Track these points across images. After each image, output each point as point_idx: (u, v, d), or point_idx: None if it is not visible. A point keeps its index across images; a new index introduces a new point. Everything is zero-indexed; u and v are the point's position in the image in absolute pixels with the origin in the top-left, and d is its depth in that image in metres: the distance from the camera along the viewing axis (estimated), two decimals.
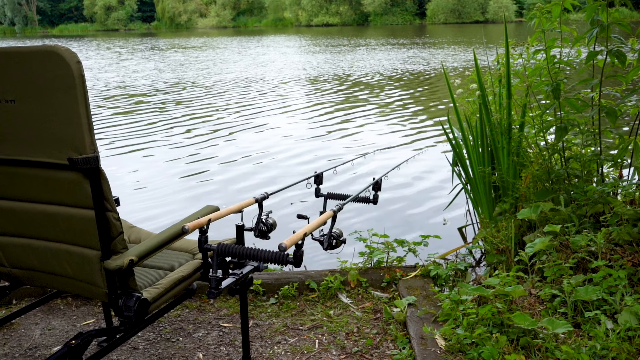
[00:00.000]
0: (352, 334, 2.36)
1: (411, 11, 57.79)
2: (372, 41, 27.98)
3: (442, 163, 5.51)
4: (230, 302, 2.65)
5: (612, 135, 2.93)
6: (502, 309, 2.11)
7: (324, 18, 58.90)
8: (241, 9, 66.16)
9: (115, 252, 1.61)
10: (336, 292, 2.71)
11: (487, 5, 53.01)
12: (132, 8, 66.91)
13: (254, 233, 1.94)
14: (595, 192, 2.70)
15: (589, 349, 1.88)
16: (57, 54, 1.41)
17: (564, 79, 2.84)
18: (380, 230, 3.08)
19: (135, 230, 2.19)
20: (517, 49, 3.29)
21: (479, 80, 3.26)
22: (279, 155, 6.12)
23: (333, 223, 1.73)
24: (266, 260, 1.58)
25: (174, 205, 4.66)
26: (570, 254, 2.46)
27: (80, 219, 1.59)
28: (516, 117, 3.20)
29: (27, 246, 1.74)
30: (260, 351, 2.25)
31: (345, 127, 7.61)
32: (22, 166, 1.61)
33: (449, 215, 4.14)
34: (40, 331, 2.43)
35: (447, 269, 2.77)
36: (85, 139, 1.48)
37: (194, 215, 1.80)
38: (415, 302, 2.44)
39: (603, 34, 2.61)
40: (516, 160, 3.15)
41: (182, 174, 5.57)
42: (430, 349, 2.06)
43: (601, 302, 2.16)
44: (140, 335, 2.38)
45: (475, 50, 4.05)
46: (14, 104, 1.52)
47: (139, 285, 1.71)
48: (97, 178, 1.53)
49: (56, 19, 68.93)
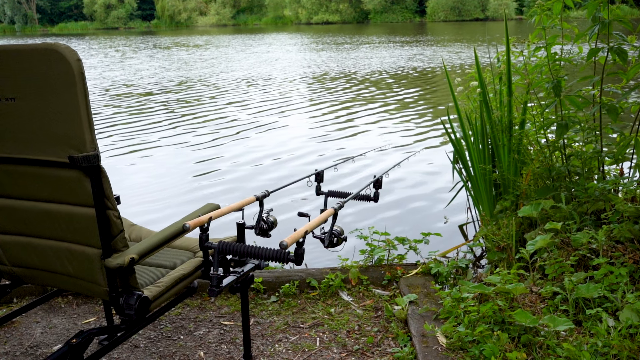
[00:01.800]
0: (353, 332, 2.35)
1: (411, 9, 57.71)
2: (374, 39, 27.92)
3: (442, 161, 5.51)
4: (231, 300, 2.65)
5: (613, 132, 2.93)
6: (504, 306, 2.11)
7: (323, 16, 58.84)
8: (241, 7, 66.10)
9: (116, 250, 1.60)
10: (337, 290, 2.70)
11: (487, 3, 52.93)
12: (132, 6, 66.86)
13: (254, 231, 1.94)
14: (596, 189, 2.69)
15: (590, 347, 1.88)
16: (57, 52, 1.41)
17: (564, 76, 2.84)
18: (381, 228, 3.08)
19: (136, 228, 2.19)
20: (518, 46, 3.29)
21: (480, 78, 3.26)
22: (283, 155, 6.10)
23: (334, 221, 1.72)
24: (267, 258, 1.58)
25: (176, 203, 4.66)
26: (571, 252, 2.46)
27: (81, 217, 1.59)
28: (517, 114, 3.19)
29: (27, 245, 1.74)
30: (261, 349, 2.25)
31: (347, 125, 7.60)
32: (22, 164, 1.61)
33: (449, 213, 4.14)
34: (41, 330, 2.43)
35: (448, 266, 2.77)
36: (85, 136, 1.48)
37: (195, 213, 1.80)
38: (416, 299, 2.44)
39: (604, 31, 2.61)
40: (517, 158, 3.15)
41: (188, 172, 5.57)
42: (432, 347, 2.06)
43: (602, 300, 2.15)
44: (141, 333, 2.38)
45: (475, 48, 4.05)
46: (14, 102, 1.52)
47: (140, 284, 1.71)
48: (97, 176, 1.53)
49: (56, 18, 68.88)
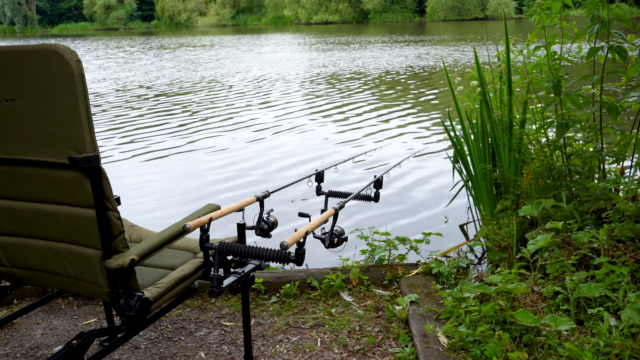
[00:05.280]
0: (354, 332, 2.35)
1: (411, 8, 57.72)
2: (378, 38, 27.94)
3: (443, 160, 5.51)
4: (232, 301, 2.65)
5: (613, 131, 2.92)
6: (505, 306, 2.10)
7: (323, 16, 58.87)
8: (241, 7, 66.12)
9: (116, 251, 1.60)
10: (338, 290, 2.70)
11: (487, 2, 52.94)
12: (132, 7, 66.89)
13: (255, 231, 1.94)
14: (597, 188, 2.69)
15: (592, 346, 1.87)
16: (57, 53, 1.41)
17: (564, 75, 2.84)
18: (381, 228, 3.07)
19: (136, 229, 2.18)
20: (517, 45, 3.28)
21: (480, 77, 3.25)
22: (283, 156, 6.10)
23: (334, 221, 1.72)
24: (268, 259, 1.58)
25: (176, 203, 4.65)
26: (572, 251, 2.45)
27: (81, 218, 1.59)
28: (517, 113, 3.19)
29: (28, 246, 1.74)
30: (262, 350, 2.24)
31: (349, 125, 7.60)
32: (22, 165, 1.61)
33: (450, 213, 4.13)
34: (42, 331, 2.42)
35: (449, 266, 2.77)
36: (85, 137, 1.47)
37: (195, 214, 1.80)
38: (417, 299, 2.43)
39: (604, 29, 2.61)
40: (517, 157, 3.15)
41: (190, 172, 5.57)
42: (433, 347, 2.06)
43: (604, 299, 2.15)
44: (142, 334, 2.37)
45: (475, 47, 4.04)
46: (13, 103, 1.51)
47: (141, 285, 1.71)
48: (97, 177, 1.52)
49: (56, 19, 68.91)
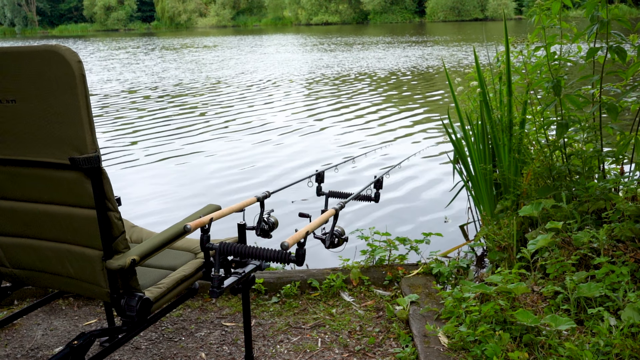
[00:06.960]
0: (355, 333, 2.35)
1: (410, 9, 57.79)
2: (380, 39, 27.94)
3: (443, 161, 5.51)
4: (233, 301, 2.65)
5: (613, 131, 2.93)
6: (505, 306, 2.10)
7: (323, 17, 58.93)
8: (241, 8, 66.18)
9: (117, 251, 1.60)
10: (338, 290, 2.70)
11: (487, 3, 53.00)
12: (132, 8, 66.97)
13: (255, 232, 1.94)
14: (596, 188, 2.69)
15: (592, 346, 1.88)
16: (58, 54, 1.41)
17: (564, 76, 2.84)
18: (381, 228, 3.07)
19: (137, 229, 2.18)
20: (517, 46, 3.29)
21: (480, 78, 3.26)
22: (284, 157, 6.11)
23: (335, 221, 1.73)
24: (268, 259, 1.58)
25: (179, 205, 4.66)
26: (572, 251, 2.46)
27: (81, 218, 1.59)
28: (517, 114, 3.19)
29: (28, 246, 1.74)
30: (262, 350, 2.25)
31: (346, 125, 7.61)
32: (23, 166, 1.61)
33: (450, 213, 4.14)
34: (42, 332, 2.43)
35: (449, 266, 2.77)
36: (86, 138, 1.48)
37: (196, 214, 1.80)
38: (417, 300, 2.44)
39: (603, 30, 2.61)
40: (517, 157, 3.15)
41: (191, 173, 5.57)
42: (433, 347, 2.06)
43: (604, 299, 2.15)
44: (143, 335, 2.37)
45: (475, 48, 4.04)
46: (14, 103, 1.52)
47: (141, 285, 1.71)
48: (98, 177, 1.53)
49: (56, 20, 68.96)
